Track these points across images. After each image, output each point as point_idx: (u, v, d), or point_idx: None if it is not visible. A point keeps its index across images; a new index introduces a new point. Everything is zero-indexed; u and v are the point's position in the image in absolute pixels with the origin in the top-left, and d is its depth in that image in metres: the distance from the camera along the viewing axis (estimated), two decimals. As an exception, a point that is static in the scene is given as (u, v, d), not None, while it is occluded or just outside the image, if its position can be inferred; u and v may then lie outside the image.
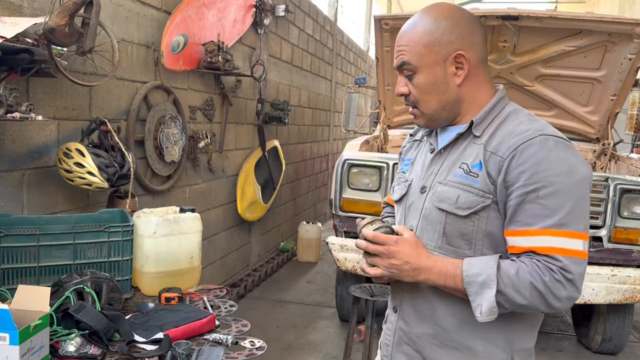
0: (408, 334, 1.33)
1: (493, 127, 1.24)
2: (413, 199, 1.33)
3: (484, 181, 1.19)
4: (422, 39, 1.24)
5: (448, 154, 1.29)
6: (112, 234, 2.08)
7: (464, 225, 1.22)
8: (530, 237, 1.14)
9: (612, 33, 3.78)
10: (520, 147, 1.15)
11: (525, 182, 1.14)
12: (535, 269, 1.13)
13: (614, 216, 3.35)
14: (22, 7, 2.31)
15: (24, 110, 2.04)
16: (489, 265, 1.15)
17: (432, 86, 1.26)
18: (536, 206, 1.13)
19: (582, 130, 4.65)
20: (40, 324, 1.43)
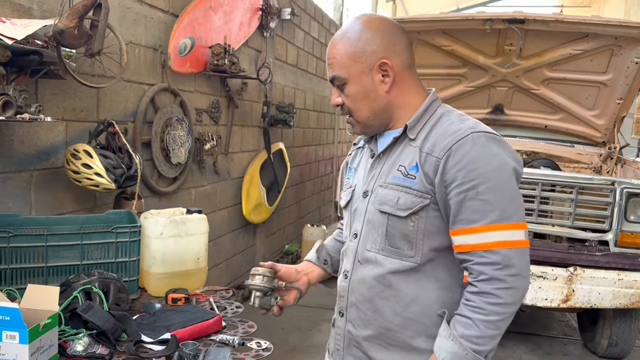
0: (355, 337, 1.36)
1: (427, 129, 1.28)
2: (357, 204, 1.37)
3: (422, 182, 1.23)
4: (347, 51, 1.29)
5: (386, 157, 1.32)
6: (120, 235, 2.08)
7: (404, 226, 1.25)
8: (476, 234, 1.17)
9: (619, 37, 3.78)
10: (454, 147, 1.19)
11: (463, 179, 1.17)
12: (486, 302, 1.15)
13: (620, 220, 3.34)
14: (31, 9, 2.33)
15: (33, 112, 2.06)
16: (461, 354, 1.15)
17: (362, 95, 1.30)
18: (477, 202, 1.16)
19: (588, 134, 4.65)
20: (49, 323, 1.44)
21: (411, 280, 1.26)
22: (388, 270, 1.27)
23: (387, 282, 1.27)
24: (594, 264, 3.38)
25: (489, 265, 1.15)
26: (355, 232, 1.35)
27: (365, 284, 1.31)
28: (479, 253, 1.16)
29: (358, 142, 1.51)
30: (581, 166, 4.74)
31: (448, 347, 1.17)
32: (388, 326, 1.29)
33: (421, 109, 1.31)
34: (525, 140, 4.89)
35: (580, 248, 3.41)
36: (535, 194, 3.39)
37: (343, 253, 1.42)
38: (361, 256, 1.33)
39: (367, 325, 1.32)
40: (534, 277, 3.34)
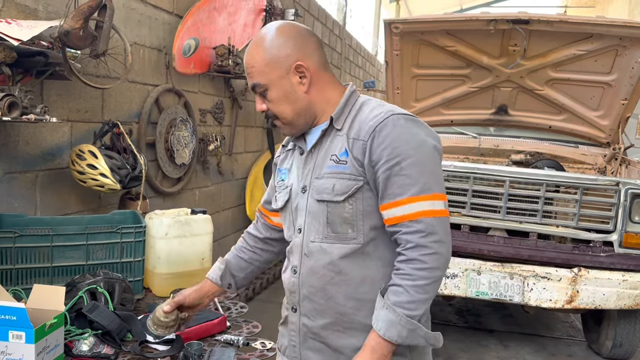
0: (312, 328, 1.38)
1: (350, 118, 1.36)
2: (298, 201, 1.40)
3: (353, 166, 1.31)
4: (263, 58, 1.35)
5: (318, 151, 1.38)
6: (125, 235, 2.09)
7: (343, 210, 1.31)
8: (402, 206, 1.25)
9: (623, 37, 3.77)
10: (377, 128, 1.28)
11: (387, 157, 1.26)
12: (414, 268, 1.24)
13: (625, 221, 3.33)
14: (37, 10, 2.34)
15: (39, 112, 2.07)
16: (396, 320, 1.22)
17: (283, 98, 1.36)
18: (401, 178, 1.26)
19: (592, 135, 4.63)
20: (55, 323, 1.45)
21: (358, 262, 1.32)
22: (335, 257, 1.32)
23: (336, 268, 1.32)
24: (599, 265, 3.37)
25: (414, 234, 1.24)
26: (299, 227, 1.39)
27: (315, 274, 1.34)
28: (405, 224, 1.25)
29: (287, 144, 1.54)
30: (585, 167, 4.73)
31: (383, 316, 1.25)
32: (342, 310, 1.34)
33: (342, 101, 1.38)
34: (529, 140, 4.88)
35: (585, 249, 3.40)
36: (540, 194, 3.39)
37: (288, 251, 1.45)
38: (307, 249, 1.37)
39: (323, 315, 1.36)
40: (539, 277, 3.34)
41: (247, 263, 1.65)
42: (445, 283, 3.42)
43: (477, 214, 3.47)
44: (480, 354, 3.92)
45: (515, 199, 3.42)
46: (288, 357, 1.46)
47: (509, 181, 3.39)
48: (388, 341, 1.23)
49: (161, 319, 1.50)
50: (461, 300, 4.98)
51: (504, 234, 3.47)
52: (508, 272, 3.36)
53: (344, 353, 1.34)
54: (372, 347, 1.25)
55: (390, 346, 1.24)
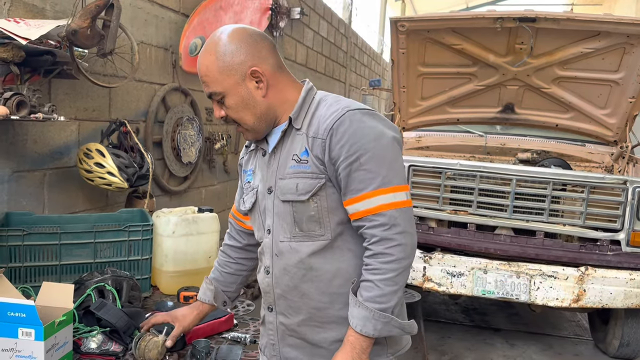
0: (289, 326, 1.39)
1: (309, 116, 1.36)
2: (265, 202, 1.40)
3: (314, 164, 1.31)
4: (218, 67, 1.33)
5: (280, 151, 1.37)
6: (132, 234, 2.10)
7: (309, 209, 1.31)
8: (364, 201, 1.27)
9: (631, 35, 3.74)
10: (335, 125, 1.28)
11: (346, 154, 1.27)
12: (381, 262, 1.25)
13: (632, 219, 3.31)
14: (44, 9, 2.36)
15: (47, 111, 2.08)
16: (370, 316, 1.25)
17: (242, 104, 1.34)
18: (362, 173, 1.26)
19: (599, 133, 4.60)
20: (64, 320, 1.46)
21: (328, 257, 1.33)
22: (305, 254, 1.33)
23: (307, 265, 1.33)
24: (606, 264, 3.35)
25: (378, 228, 1.26)
26: (268, 228, 1.39)
27: (288, 273, 1.35)
28: (369, 218, 1.27)
29: (249, 145, 1.53)
30: (592, 165, 4.70)
31: (357, 314, 1.27)
32: (317, 306, 1.35)
33: (300, 100, 1.38)
34: (536, 139, 4.86)
35: (592, 248, 3.39)
36: (547, 193, 3.37)
37: (260, 252, 1.45)
38: (277, 249, 1.37)
39: (298, 312, 1.37)
40: (545, 276, 3.33)
41: (234, 276, 1.67)
42: (451, 281, 3.41)
43: (484, 213, 3.46)
44: (487, 352, 3.92)
45: (521, 197, 3.41)
46: (267, 355, 1.47)
47: (515, 180, 3.38)
48: (365, 336, 1.26)
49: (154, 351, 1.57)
50: (467, 299, 4.97)
51: (510, 232, 3.46)
52: (514, 271, 3.35)
53: (323, 346, 1.37)
54: (351, 343, 1.28)
55: (368, 340, 1.27)
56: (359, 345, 1.27)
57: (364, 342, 1.27)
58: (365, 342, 1.27)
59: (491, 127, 4.97)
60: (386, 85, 7.63)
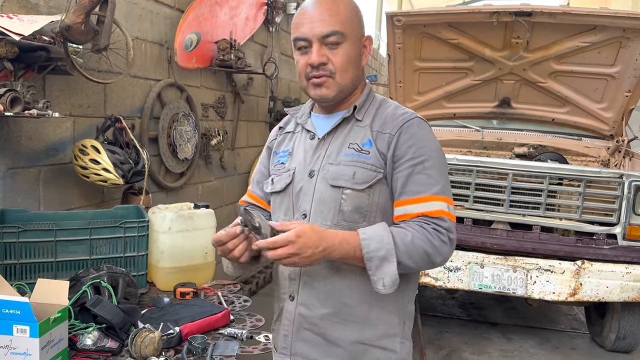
0: (309, 318, 1.35)
1: (372, 111, 1.37)
2: (302, 185, 1.36)
3: (376, 157, 1.31)
4: (353, 10, 1.34)
5: (333, 138, 1.37)
6: (128, 230, 2.10)
7: (360, 200, 1.30)
8: (422, 203, 1.27)
9: (627, 29, 3.74)
10: (405, 125, 1.31)
11: (412, 155, 1.29)
12: (426, 235, 1.24)
13: (628, 213, 3.32)
14: (38, 5, 2.34)
15: (41, 108, 2.07)
16: (385, 239, 1.22)
17: (353, 59, 1.33)
18: (423, 176, 1.28)
19: (595, 127, 4.61)
20: (59, 317, 1.45)
21: None
22: None
23: None
24: (602, 258, 3.36)
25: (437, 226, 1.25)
26: (304, 212, 1.35)
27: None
28: (426, 219, 1.26)
29: (284, 126, 1.52)
30: (589, 159, 4.71)
31: (376, 231, 1.24)
32: (346, 301, 1.32)
33: (365, 93, 1.40)
34: (532, 133, 4.86)
35: (588, 241, 3.40)
36: (543, 187, 3.38)
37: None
38: None
39: (324, 304, 1.33)
40: (542, 270, 3.34)
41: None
42: (448, 276, 3.42)
43: (480, 207, 3.46)
44: (484, 346, 3.93)
45: (518, 192, 3.41)
46: (278, 349, 1.42)
47: (512, 174, 3.39)
48: (359, 245, 1.21)
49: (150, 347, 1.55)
50: (464, 294, 4.98)
51: (507, 227, 3.47)
52: (511, 265, 3.36)
53: (341, 345, 1.33)
54: (337, 237, 1.21)
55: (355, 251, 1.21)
56: (340, 245, 1.21)
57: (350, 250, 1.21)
58: (349, 249, 1.21)
59: (488, 122, 4.97)
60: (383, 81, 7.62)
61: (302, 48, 1.33)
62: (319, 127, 1.40)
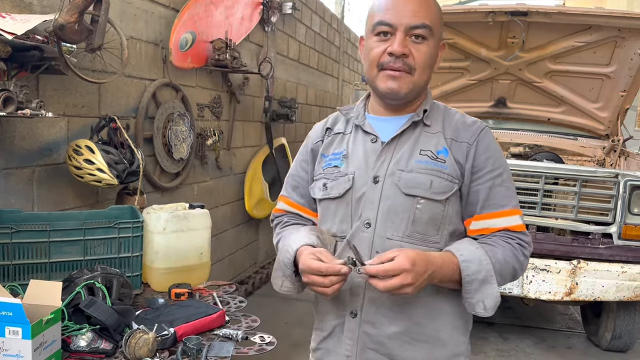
0: (376, 337, 1.25)
1: (439, 117, 1.30)
2: (363, 191, 1.26)
3: (453, 166, 1.24)
4: (439, 10, 1.26)
5: (400, 142, 1.27)
6: (122, 230, 2.08)
7: (436, 210, 1.23)
8: (505, 217, 1.23)
9: (622, 28, 3.76)
10: (481, 135, 1.26)
11: (492, 167, 1.24)
12: (513, 251, 1.22)
13: (624, 213, 3.33)
14: (31, 4, 2.33)
15: (34, 107, 2.05)
16: (483, 260, 1.18)
17: (431, 58, 1.26)
18: (503, 189, 1.24)
19: (591, 127, 4.63)
20: (52, 318, 1.44)
21: None
22: None
23: None
24: (598, 257, 3.37)
25: (521, 238, 1.24)
26: (367, 220, 1.24)
27: None
28: (507, 233, 1.24)
29: (332, 127, 1.40)
30: (584, 159, 4.72)
31: (473, 252, 1.18)
32: (416, 319, 1.24)
33: (430, 98, 1.34)
34: (528, 133, 4.87)
35: (584, 241, 3.40)
36: (539, 187, 3.38)
37: (342, 247, 1.28)
38: (381, 246, 1.22)
39: (393, 322, 1.24)
40: (538, 270, 3.34)
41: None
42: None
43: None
44: (480, 346, 3.93)
45: (514, 191, 3.41)
46: None
47: (507, 174, 3.38)
48: (458, 267, 1.15)
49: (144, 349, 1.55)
50: (460, 294, 4.98)
51: (503, 226, 3.47)
52: (507, 265, 3.36)
53: None
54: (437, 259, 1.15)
55: (452, 274, 1.16)
56: (441, 269, 1.14)
57: (449, 273, 1.16)
58: (449, 273, 1.16)
59: (483, 122, 4.97)
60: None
61: (381, 34, 1.23)
62: (381, 129, 1.30)
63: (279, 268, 1.33)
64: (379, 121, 1.32)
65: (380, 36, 1.23)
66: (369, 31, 1.26)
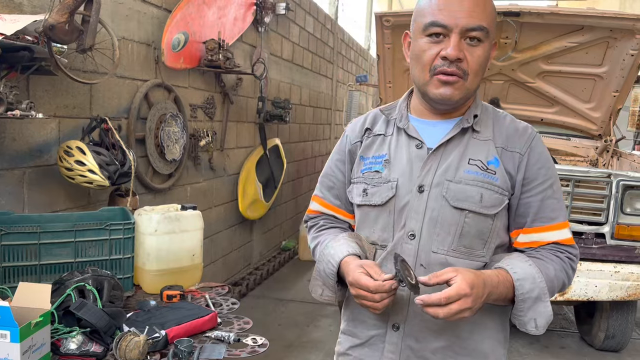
0: (419, 351, 1.22)
1: (489, 122, 1.23)
2: (407, 200, 1.21)
3: (503, 178, 1.18)
4: (494, 11, 1.17)
5: (448, 150, 1.20)
6: (114, 232, 2.07)
7: (484, 225, 1.18)
8: (556, 231, 1.20)
9: (614, 29, 3.77)
10: (533, 143, 1.20)
11: (543, 178, 1.19)
12: (563, 265, 1.19)
13: (616, 213, 3.34)
14: (22, 4, 2.31)
15: (25, 108, 2.03)
16: (537, 278, 1.14)
17: (485, 62, 1.18)
18: (554, 201, 1.19)
19: (584, 127, 4.64)
20: (41, 321, 1.42)
21: None
22: None
23: None
24: (591, 257, 3.38)
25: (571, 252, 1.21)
26: (411, 232, 1.19)
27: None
28: (557, 246, 1.21)
29: (372, 128, 1.32)
30: (577, 159, 4.74)
31: (526, 270, 1.14)
32: (460, 334, 1.21)
33: (480, 101, 1.25)
34: (521, 133, 4.88)
35: (577, 241, 3.39)
36: (532, 187, 3.39)
37: (384, 257, 1.24)
38: (425, 260, 1.19)
39: (438, 337, 1.20)
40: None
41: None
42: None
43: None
44: (474, 347, 3.93)
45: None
46: None
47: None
48: (512, 284, 1.12)
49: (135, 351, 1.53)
50: (455, 294, 4.98)
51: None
52: (501, 265, 3.36)
53: None
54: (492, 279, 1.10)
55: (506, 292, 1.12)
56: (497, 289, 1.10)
57: (504, 291, 1.12)
58: (504, 292, 1.12)
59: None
60: (373, 81, 7.62)
61: (434, 35, 1.15)
62: (426, 134, 1.23)
63: (319, 277, 1.29)
64: (423, 124, 1.25)
65: (432, 37, 1.15)
66: (419, 30, 1.18)
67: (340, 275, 1.24)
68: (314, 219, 1.44)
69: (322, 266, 1.27)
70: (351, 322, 1.33)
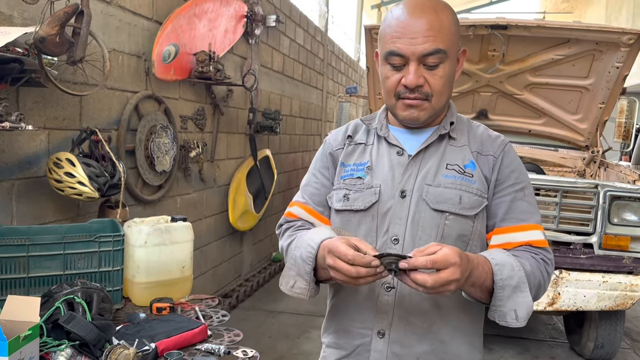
0: (404, 357, 1.22)
1: (464, 130, 1.29)
2: (390, 205, 1.22)
3: (480, 181, 1.22)
4: (452, 26, 1.17)
5: (427, 156, 1.24)
6: (103, 244, 2.06)
7: (464, 226, 1.20)
8: (526, 231, 1.21)
9: (600, 42, 3.83)
10: (506, 148, 1.26)
11: (515, 180, 1.23)
12: (538, 265, 1.19)
13: (604, 223, 3.37)
14: (12, 16, 2.31)
15: (14, 120, 2.03)
16: (515, 266, 1.13)
17: (450, 79, 1.21)
18: (525, 203, 1.23)
19: (571, 138, 4.70)
20: (29, 334, 1.41)
21: None
22: None
23: None
24: (579, 267, 3.41)
25: (545, 255, 1.22)
26: (395, 236, 1.21)
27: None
28: (529, 248, 1.21)
29: (353, 135, 1.34)
30: (565, 170, 4.79)
31: (504, 258, 1.13)
32: (442, 338, 1.22)
33: (454, 111, 1.30)
34: (509, 144, 4.93)
35: (565, 251, 3.44)
36: (520, 198, 3.41)
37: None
38: None
39: (421, 341, 1.21)
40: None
41: None
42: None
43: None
44: (464, 357, 3.93)
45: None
46: None
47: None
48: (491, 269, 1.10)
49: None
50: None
51: (485, 237, 3.49)
52: (490, 276, 3.38)
53: None
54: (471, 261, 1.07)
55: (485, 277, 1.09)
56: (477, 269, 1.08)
57: (482, 275, 1.09)
58: (483, 275, 1.09)
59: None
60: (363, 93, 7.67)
61: (394, 64, 1.18)
62: (406, 142, 1.27)
63: (293, 267, 1.21)
64: (402, 133, 1.29)
65: (393, 66, 1.19)
66: (382, 57, 1.21)
67: (318, 264, 1.17)
68: (291, 221, 1.40)
69: (298, 252, 1.20)
70: (335, 334, 1.33)
